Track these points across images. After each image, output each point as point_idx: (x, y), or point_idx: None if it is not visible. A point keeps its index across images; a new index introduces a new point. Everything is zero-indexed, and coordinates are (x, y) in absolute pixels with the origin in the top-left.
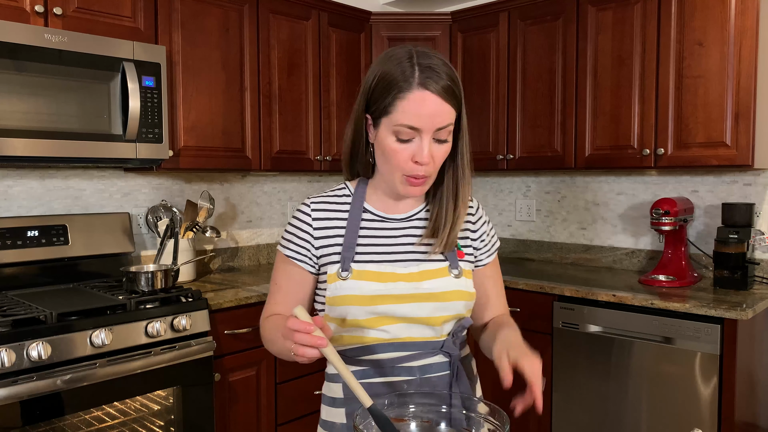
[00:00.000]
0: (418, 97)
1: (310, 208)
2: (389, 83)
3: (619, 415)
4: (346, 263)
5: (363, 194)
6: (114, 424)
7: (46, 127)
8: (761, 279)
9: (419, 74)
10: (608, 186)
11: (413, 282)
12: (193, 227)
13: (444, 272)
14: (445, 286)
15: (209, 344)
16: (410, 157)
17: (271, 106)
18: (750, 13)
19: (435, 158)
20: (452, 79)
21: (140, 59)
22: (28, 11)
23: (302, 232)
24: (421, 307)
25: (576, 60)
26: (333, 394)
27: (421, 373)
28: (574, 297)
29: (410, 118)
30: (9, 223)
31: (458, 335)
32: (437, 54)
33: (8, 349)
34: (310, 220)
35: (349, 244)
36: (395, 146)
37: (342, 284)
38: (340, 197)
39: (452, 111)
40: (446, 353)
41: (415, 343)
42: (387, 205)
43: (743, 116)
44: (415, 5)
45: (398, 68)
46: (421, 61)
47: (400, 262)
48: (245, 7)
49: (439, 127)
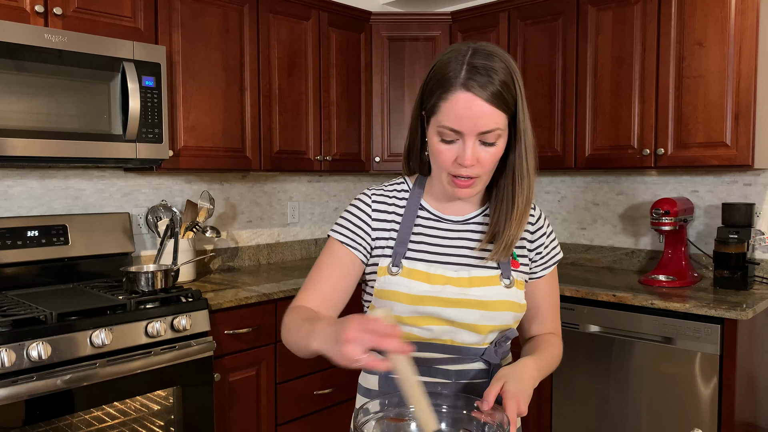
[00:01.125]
0: (460, 99)
1: (371, 198)
2: (438, 81)
3: (619, 415)
4: (398, 258)
5: (420, 191)
6: (114, 424)
7: (46, 127)
8: (761, 279)
9: (465, 74)
10: (608, 186)
11: (462, 287)
12: (193, 227)
13: (495, 281)
14: (493, 295)
15: (209, 344)
16: (454, 158)
17: (271, 106)
18: (750, 13)
19: (481, 161)
20: (503, 83)
21: (140, 59)
22: (28, 11)
23: (360, 221)
24: (468, 313)
25: (576, 60)
26: (369, 385)
27: (457, 378)
28: (574, 297)
29: (451, 120)
30: (9, 223)
31: (501, 345)
32: (500, 53)
33: (8, 349)
34: (370, 210)
35: (402, 239)
36: (439, 146)
37: (390, 279)
38: (399, 192)
39: (499, 115)
40: (486, 361)
41: (455, 347)
42: (442, 205)
43: (743, 116)
44: (415, 5)
45: (449, 65)
46: (474, 61)
47: (452, 265)
48: (245, 7)
49: (482, 131)
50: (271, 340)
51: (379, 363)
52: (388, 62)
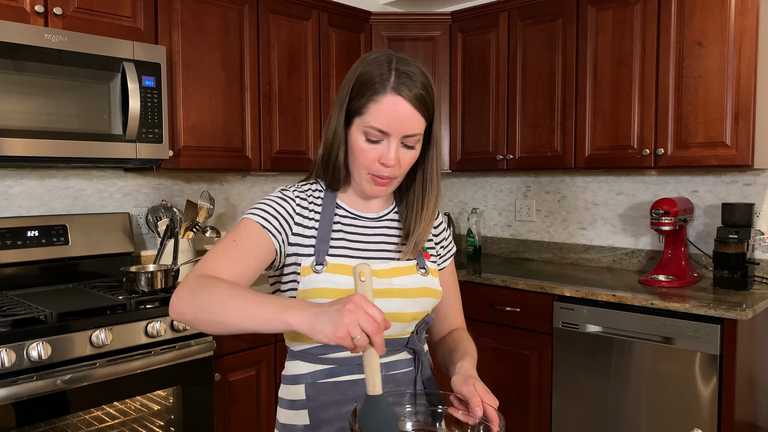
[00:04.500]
0: (391, 102)
1: (294, 194)
2: (366, 84)
3: (619, 415)
4: (321, 256)
5: (335, 192)
6: (114, 424)
7: (46, 127)
8: (761, 279)
9: (395, 79)
10: (608, 186)
11: (385, 278)
12: (193, 227)
13: (412, 270)
14: (413, 283)
15: (209, 344)
16: (377, 158)
17: (271, 106)
18: (750, 13)
19: (401, 162)
20: (426, 89)
21: (140, 59)
22: (28, 11)
23: (284, 211)
24: (391, 303)
25: (576, 60)
26: (293, 396)
27: (387, 370)
28: (574, 297)
29: (380, 121)
30: (9, 223)
31: (422, 332)
32: (417, 63)
33: (8, 349)
34: (294, 205)
35: (323, 237)
36: (364, 146)
37: (316, 277)
38: (314, 191)
39: (421, 120)
40: (410, 350)
41: None
42: (358, 203)
43: (743, 116)
44: (415, 5)
45: (376, 71)
46: (399, 67)
47: (373, 259)
48: (245, 7)
49: (407, 134)
50: (271, 340)
51: (366, 343)
52: None
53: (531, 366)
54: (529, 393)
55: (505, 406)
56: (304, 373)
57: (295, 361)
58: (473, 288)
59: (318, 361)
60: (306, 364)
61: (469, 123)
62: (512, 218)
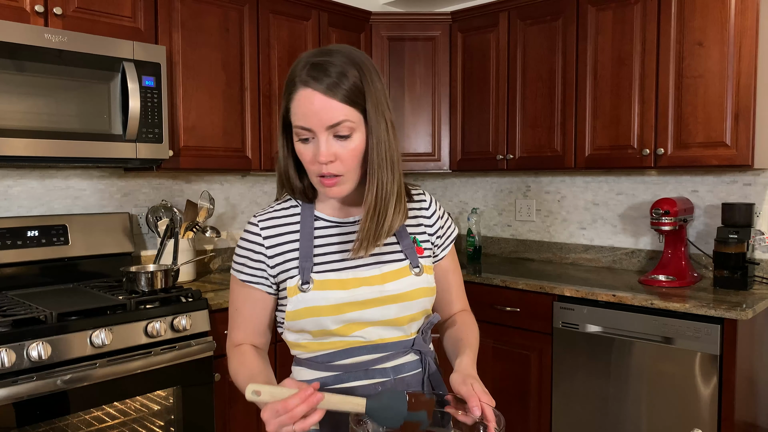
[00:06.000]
0: (302, 95)
1: (259, 226)
2: (286, 84)
3: (619, 415)
4: (306, 274)
5: (312, 203)
6: (114, 424)
7: (46, 127)
8: (761, 279)
9: (305, 73)
10: (608, 186)
11: (376, 285)
12: (193, 227)
13: (406, 272)
14: (408, 286)
15: (209, 344)
16: (314, 157)
17: (271, 106)
18: (750, 13)
19: (340, 157)
20: (343, 75)
21: (140, 59)
22: (28, 11)
23: (254, 254)
24: (387, 310)
25: (576, 60)
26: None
27: (395, 374)
28: (574, 297)
29: (299, 117)
30: (9, 223)
31: (427, 332)
32: (344, 49)
33: (8, 349)
34: (261, 240)
35: (305, 254)
36: (299, 147)
37: (304, 296)
38: (287, 209)
39: (343, 107)
40: (417, 351)
41: (386, 345)
42: (337, 210)
43: (743, 116)
44: (415, 5)
45: (295, 69)
46: (315, 60)
47: (361, 267)
48: (245, 7)
49: (329, 124)
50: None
51: (307, 424)
52: (387, 62)
53: (531, 366)
54: (529, 393)
55: (505, 406)
56: (310, 380)
57: (300, 367)
58: (473, 288)
59: (325, 369)
60: (312, 372)
61: (469, 123)
62: (512, 218)
